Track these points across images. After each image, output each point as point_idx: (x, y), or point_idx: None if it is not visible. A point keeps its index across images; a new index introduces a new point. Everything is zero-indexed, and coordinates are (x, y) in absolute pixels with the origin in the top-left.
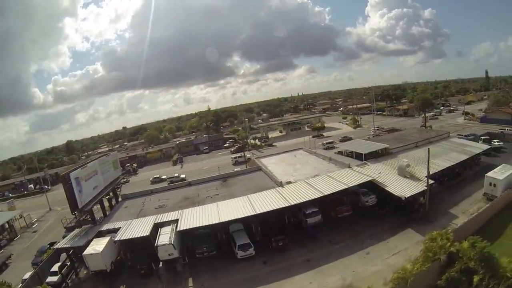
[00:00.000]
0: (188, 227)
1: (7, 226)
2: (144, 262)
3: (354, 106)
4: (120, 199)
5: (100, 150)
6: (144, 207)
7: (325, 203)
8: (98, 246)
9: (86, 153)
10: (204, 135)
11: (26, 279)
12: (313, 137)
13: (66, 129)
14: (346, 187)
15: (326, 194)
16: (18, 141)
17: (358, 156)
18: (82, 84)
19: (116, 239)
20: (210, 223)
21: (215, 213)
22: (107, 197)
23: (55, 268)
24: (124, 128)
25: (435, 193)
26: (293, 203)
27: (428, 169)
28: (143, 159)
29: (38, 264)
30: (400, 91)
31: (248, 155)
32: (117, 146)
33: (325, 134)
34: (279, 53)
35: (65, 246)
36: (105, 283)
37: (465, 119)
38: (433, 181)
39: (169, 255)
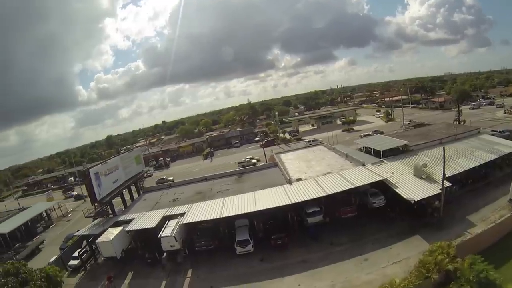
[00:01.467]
0: (191, 221)
1: (44, 215)
2: (151, 251)
3: (390, 98)
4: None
5: (138, 144)
6: (160, 200)
7: (330, 202)
8: (110, 234)
9: (124, 147)
10: (238, 129)
11: (52, 261)
12: (343, 131)
13: (110, 124)
14: (352, 186)
15: (330, 193)
16: (64, 136)
17: (376, 153)
18: (124, 81)
19: (127, 229)
20: (212, 217)
21: (219, 208)
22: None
23: (77, 253)
24: (163, 122)
25: (455, 197)
26: (294, 201)
27: (443, 170)
28: (176, 153)
29: (64, 249)
30: (439, 83)
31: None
32: (154, 140)
33: (356, 128)
34: (318, 45)
35: (83, 233)
36: (117, 268)
37: (505, 112)
38: (450, 184)
39: (171, 246)
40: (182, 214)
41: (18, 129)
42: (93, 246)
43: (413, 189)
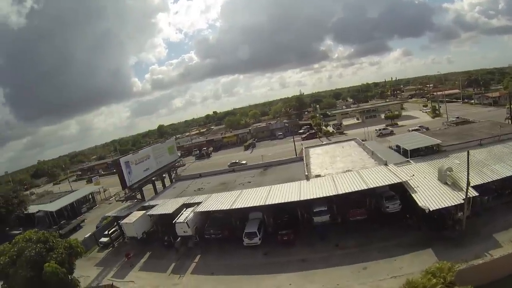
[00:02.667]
0: (204, 210)
1: (90, 197)
2: (168, 235)
3: (441, 92)
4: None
5: (187, 134)
6: (187, 188)
7: (343, 202)
8: (133, 217)
9: (174, 137)
10: (284, 121)
11: (86, 237)
12: (387, 126)
13: (163, 114)
14: (365, 187)
15: (340, 193)
16: (120, 125)
17: (404, 152)
18: (178, 72)
19: (148, 213)
20: (224, 208)
21: (232, 200)
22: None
23: (107, 232)
24: (215, 112)
25: (487, 208)
26: (303, 198)
27: (468, 177)
28: (220, 143)
29: (98, 227)
30: (498, 75)
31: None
32: (203, 130)
33: (400, 123)
34: (372, 35)
35: (113, 215)
36: (138, 247)
37: None
38: (476, 194)
39: (184, 232)
40: (199, 203)
41: (78, 118)
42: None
43: (433, 195)
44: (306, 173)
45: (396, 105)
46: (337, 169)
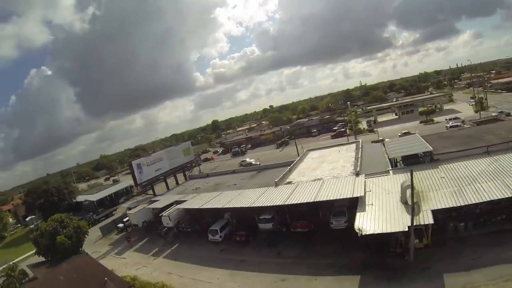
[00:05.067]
0: (182, 207)
1: (129, 189)
2: (162, 226)
3: (497, 80)
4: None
5: (239, 129)
6: (189, 187)
7: (292, 213)
8: (135, 209)
9: (225, 132)
10: (319, 117)
11: (108, 222)
12: (421, 122)
13: (228, 106)
14: (311, 200)
15: (288, 203)
16: (184, 119)
17: (393, 160)
18: (240, 65)
19: (147, 206)
20: (195, 207)
21: (207, 200)
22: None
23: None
24: (271, 106)
25: (460, 239)
26: (255, 205)
27: (412, 198)
28: (258, 140)
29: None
30: None
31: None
32: (254, 125)
33: (437, 118)
34: (437, 17)
35: (128, 206)
36: (141, 234)
37: None
38: (431, 221)
39: (167, 224)
40: (185, 201)
41: (143, 113)
42: None
43: (380, 216)
44: (276, 180)
45: (439, 98)
46: (312, 176)
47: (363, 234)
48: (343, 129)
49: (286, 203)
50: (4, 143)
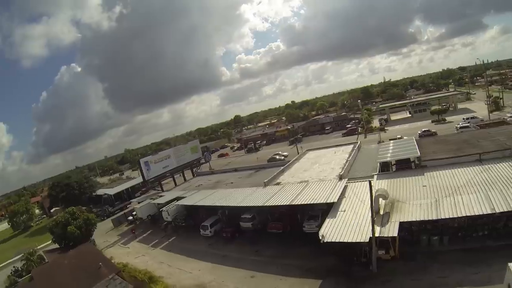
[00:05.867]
0: (179, 203)
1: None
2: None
3: None
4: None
5: (259, 124)
6: (194, 184)
7: (271, 214)
8: (141, 204)
9: (246, 127)
10: (332, 115)
11: (120, 215)
12: (433, 122)
13: (254, 101)
14: (286, 203)
15: (266, 205)
16: (211, 113)
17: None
18: (266, 60)
19: (152, 201)
20: (189, 204)
21: (201, 198)
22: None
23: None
24: (293, 102)
25: (437, 252)
26: (236, 205)
27: (372, 209)
28: (273, 137)
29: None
30: None
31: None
32: (275, 121)
33: (450, 118)
34: (464, 12)
35: (136, 200)
36: (146, 226)
37: None
38: (395, 234)
39: (166, 218)
40: (184, 197)
41: (170, 107)
42: None
43: (347, 224)
44: (265, 181)
45: (454, 96)
46: (300, 178)
47: (324, 241)
48: (354, 127)
49: (265, 205)
50: (36, 138)
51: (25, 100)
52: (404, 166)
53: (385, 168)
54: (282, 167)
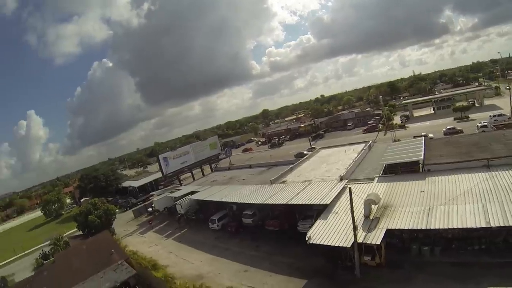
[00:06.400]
0: (192, 198)
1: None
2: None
3: None
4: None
5: (287, 118)
6: (209, 179)
7: (272, 211)
8: (158, 197)
9: (273, 121)
10: (355, 110)
11: (141, 207)
12: (455, 119)
13: (285, 94)
14: (282, 203)
15: (266, 203)
16: (242, 106)
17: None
18: (296, 53)
19: (168, 195)
20: (199, 198)
21: (211, 193)
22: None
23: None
24: (322, 96)
25: (427, 263)
26: (237, 201)
27: (352, 215)
28: (297, 132)
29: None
30: None
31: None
32: (301, 115)
33: (473, 115)
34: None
35: (156, 193)
36: (164, 217)
37: None
38: (377, 243)
39: (179, 211)
40: (197, 192)
41: (202, 100)
42: None
43: (335, 227)
44: (271, 179)
45: (481, 91)
46: (305, 177)
47: (310, 242)
48: (375, 124)
49: (265, 203)
50: (71, 130)
51: (60, 95)
52: (407, 169)
53: (390, 170)
54: (291, 165)
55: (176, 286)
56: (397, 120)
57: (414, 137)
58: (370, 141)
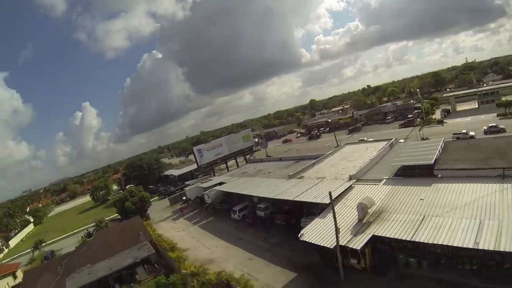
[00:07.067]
0: (218, 189)
1: None
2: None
3: None
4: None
5: (333, 109)
6: (240, 171)
7: (283, 206)
8: (189, 186)
9: (319, 112)
10: (396, 103)
11: (177, 195)
12: (498, 116)
13: (335, 83)
14: (289, 199)
15: (277, 198)
16: (292, 95)
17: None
18: (344, 41)
19: (199, 185)
20: (223, 190)
21: (236, 185)
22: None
23: None
24: (368, 86)
25: (411, 275)
26: (256, 195)
27: (334, 218)
28: (337, 124)
29: None
30: None
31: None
32: (347, 107)
33: None
34: None
35: (191, 182)
36: (195, 206)
37: None
38: (356, 247)
39: (207, 200)
40: (224, 183)
41: (251, 89)
42: None
43: (328, 227)
44: (290, 174)
45: None
46: (321, 174)
47: (301, 239)
48: (412, 118)
49: (275, 198)
50: (122, 120)
51: (112, 87)
52: (423, 173)
53: (407, 172)
54: (313, 161)
55: (184, 266)
56: (438, 114)
57: (454, 134)
58: (393, 139)
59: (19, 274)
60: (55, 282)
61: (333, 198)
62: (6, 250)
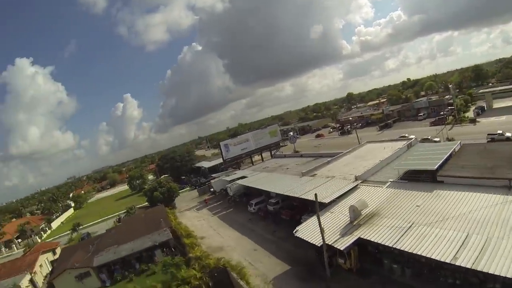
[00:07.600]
0: (239, 183)
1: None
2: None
3: None
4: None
5: (370, 103)
6: (263, 165)
7: (292, 201)
8: (215, 179)
9: (355, 106)
10: (428, 99)
11: (205, 186)
12: None
13: (377, 75)
14: (296, 195)
15: (284, 194)
16: (334, 87)
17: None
18: (386, 32)
19: (223, 178)
20: (242, 183)
21: (254, 180)
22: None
23: None
24: (408, 79)
25: (393, 281)
26: (269, 190)
27: (318, 219)
28: (369, 119)
29: None
30: None
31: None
32: (383, 101)
33: None
34: None
35: (219, 175)
36: (221, 197)
37: None
38: (341, 248)
39: (229, 193)
40: (245, 177)
41: (292, 81)
42: None
43: (324, 227)
44: (303, 171)
45: None
46: (333, 173)
47: (295, 235)
48: (444, 116)
49: (284, 194)
50: (163, 110)
51: (153, 79)
52: (429, 178)
53: (413, 176)
54: (329, 159)
55: (193, 251)
56: (471, 112)
57: (488, 134)
58: (413, 139)
59: (58, 251)
60: (86, 258)
61: (335, 198)
62: (49, 231)
